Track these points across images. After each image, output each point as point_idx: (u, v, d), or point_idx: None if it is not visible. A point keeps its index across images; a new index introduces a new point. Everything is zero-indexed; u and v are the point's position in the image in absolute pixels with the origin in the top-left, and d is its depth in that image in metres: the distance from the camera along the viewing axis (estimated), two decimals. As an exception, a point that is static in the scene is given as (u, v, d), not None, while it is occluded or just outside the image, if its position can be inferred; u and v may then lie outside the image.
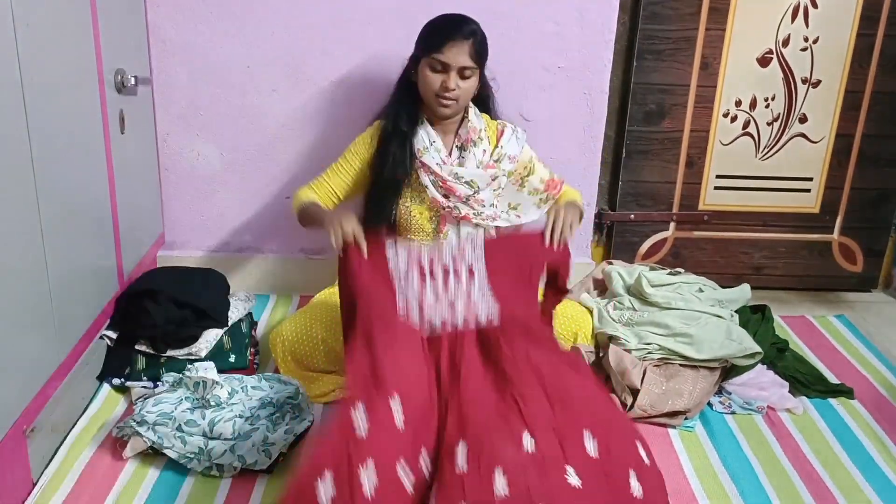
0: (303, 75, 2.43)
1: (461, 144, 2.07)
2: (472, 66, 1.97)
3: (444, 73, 1.96)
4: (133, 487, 1.66)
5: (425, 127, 2.06)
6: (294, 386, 1.91)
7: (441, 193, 2.05)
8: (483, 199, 2.06)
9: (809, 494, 1.72)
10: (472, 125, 2.07)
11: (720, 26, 2.52)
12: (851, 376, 2.23)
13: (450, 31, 1.96)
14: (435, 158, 2.04)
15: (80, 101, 1.88)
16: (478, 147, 2.06)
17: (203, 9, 2.35)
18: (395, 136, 2.04)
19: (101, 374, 2.02)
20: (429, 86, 1.99)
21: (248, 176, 2.54)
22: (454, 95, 1.97)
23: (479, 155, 2.07)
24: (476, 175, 2.05)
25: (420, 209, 2.08)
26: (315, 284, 2.56)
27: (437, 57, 1.95)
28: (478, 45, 1.97)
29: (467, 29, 1.97)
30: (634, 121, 2.61)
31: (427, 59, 1.98)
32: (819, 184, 2.73)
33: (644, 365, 2.04)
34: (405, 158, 2.03)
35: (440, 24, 2.01)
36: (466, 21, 2.00)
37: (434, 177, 2.03)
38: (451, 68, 1.95)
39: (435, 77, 1.97)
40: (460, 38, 1.95)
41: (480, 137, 2.07)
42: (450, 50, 1.94)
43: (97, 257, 2.02)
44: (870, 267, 2.84)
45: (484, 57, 2.02)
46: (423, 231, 2.10)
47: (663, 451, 1.85)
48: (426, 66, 1.98)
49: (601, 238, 2.80)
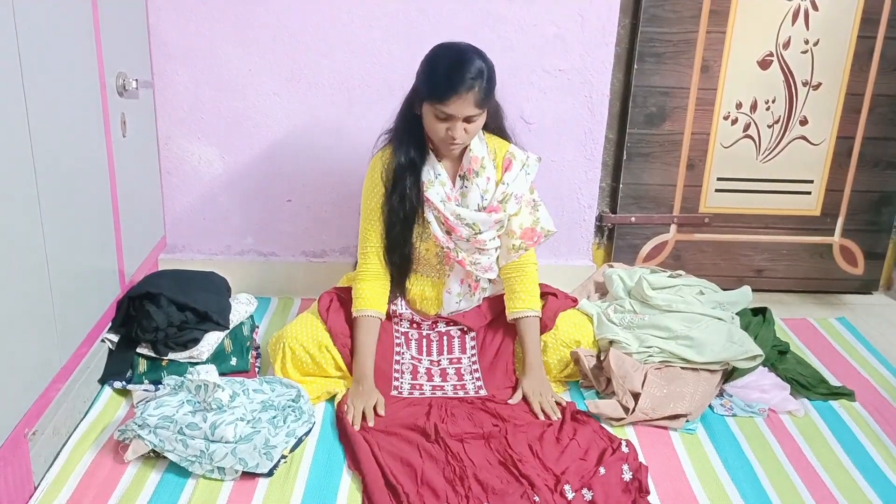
0: (304, 79, 2.44)
1: (463, 174, 2.04)
2: (477, 112, 1.88)
3: (449, 121, 1.88)
4: (134, 491, 1.66)
5: (430, 160, 2.02)
6: (295, 389, 1.92)
7: (443, 230, 2.04)
8: (484, 239, 2.05)
9: (811, 497, 1.72)
10: (474, 154, 2.02)
11: (721, 29, 2.53)
12: (853, 379, 2.23)
13: (453, 81, 1.83)
14: (440, 193, 2.01)
15: (82, 104, 1.88)
16: (480, 177, 2.03)
17: (204, 12, 2.35)
18: (408, 171, 2.00)
19: (102, 377, 2.02)
20: (434, 131, 1.92)
21: (249, 179, 2.54)
22: (460, 141, 1.92)
23: (483, 184, 2.03)
24: (478, 219, 2.02)
25: (426, 245, 2.07)
26: (317, 287, 2.56)
27: (441, 109, 1.86)
28: (483, 91, 1.85)
29: (470, 74, 1.83)
30: (635, 123, 2.61)
31: (430, 105, 1.88)
32: (820, 186, 2.73)
33: (645, 368, 2.04)
34: (417, 191, 2.01)
35: (442, 70, 1.86)
36: (470, 63, 1.84)
37: (437, 213, 2.02)
38: (456, 118, 1.87)
39: (439, 125, 1.89)
40: (464, 89, 1.82)
41: (483, 166, 2.03)
42: (454, 103, 1.84)
43: (98, 260, 2.02)
44: (871, 269, 2.84)
45: (491, 94, 1.92)
46: (430, 265, 2.14)
47: (664, 453, 1.85)
48: (430, 112, 1.89)
49: (602, 241, 2.80)
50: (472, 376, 2.08)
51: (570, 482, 1.66)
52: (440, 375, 2.07)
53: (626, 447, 1.77)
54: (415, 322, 2.16)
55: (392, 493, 1.65)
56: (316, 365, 2.04)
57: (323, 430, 1.90)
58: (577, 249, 2.72)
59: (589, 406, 1.97)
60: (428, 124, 1.94)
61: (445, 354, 2.13)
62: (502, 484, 1.67)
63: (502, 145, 2.08)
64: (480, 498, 1.64)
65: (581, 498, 1.64)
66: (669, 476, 1.77)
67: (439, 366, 2.10)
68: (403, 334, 2.15)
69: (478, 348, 2.13)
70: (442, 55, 1.90)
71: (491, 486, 1.65)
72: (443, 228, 2.04)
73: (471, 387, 2.04)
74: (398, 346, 2.12)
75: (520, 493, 1.64)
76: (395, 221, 2.04)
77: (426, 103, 1.90)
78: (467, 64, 1.84)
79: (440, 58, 1.89)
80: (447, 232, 2.04)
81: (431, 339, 2.15)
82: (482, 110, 1.90)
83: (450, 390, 2.03)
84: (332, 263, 2.61)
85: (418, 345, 2.14)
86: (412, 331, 2.16)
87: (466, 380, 2.07)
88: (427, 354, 2.13)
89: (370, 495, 1.66)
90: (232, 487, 1.69)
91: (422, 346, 2.14)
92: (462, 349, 2.13)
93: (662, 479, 1.74)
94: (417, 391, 2.03)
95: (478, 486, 1.66)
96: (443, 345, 2.14)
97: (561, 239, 2.66)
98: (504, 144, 2.08)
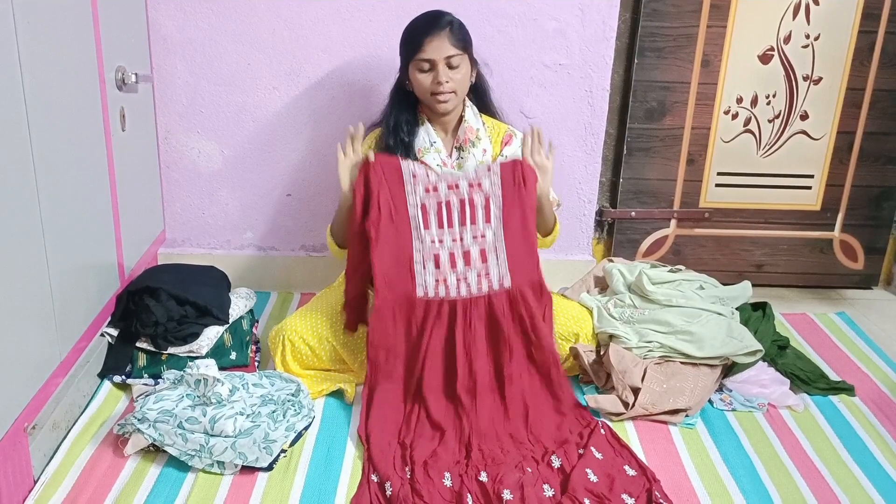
0: (303, 73, 2.43)
1: (459, 145, 2.07)
2: (456, 52, 1.97)
3: (433, 69, 1.97)
4: (134, 484, 1.66)
5: (426, 127, 2.07)
6: (295, 383, 1.92)
7: None
8: None
9: (810, 491, 1.72)
10: (469, 125, 2.07)
11: (721, 23, 2.52)
12: (852, 373, 2.23)
13: (425, 27, 1.98)
14: (436, 159, 2.04)
15: (81, 98, 1.88)
16: (476, 147, 2.06)
17: (204, 6, 2.35)
18: (397, 148, 2.03)
19: (102, 371, 2.02)
20: (422, 87, 2.00)
21: (248, 173, 2.54)
22: (449, 88, 1.98)
23: (479, 155, 2.07)
24: None
25: None
26: (317, 282, 2.57)
27: (421, 56, 1.96)
28: (456, 31, 1.98)
29: (442, 21, 1.98)
30: (635, 118, 2.60)
31: (413, 62, 1.99)
32: (820, 181, 2.73)
33: (645, 363, 2.04)
34: (405, 149, 2.04)
35: (414, 26, 2.02)
36: (438, 13, 2.01)
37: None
38: (438, 62, 1.96)
39: (425, 77, 1.99)
40: (437, 30, 1.96)
41: (479, 137, 2.07)
42: (430, 45, 1.95)
43: (98, 255, 2.02)
44: (871, 264, 2.84)
45: (467, 42, 2.02)
46: None
47: (664, 448, 1.85)
48: (415, 69, 2.00)
49: (602, 235, 2.80)
50: (498, 259, 1.97)
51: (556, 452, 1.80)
52: (464, 259, 1.97)
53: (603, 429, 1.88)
54: (431, 186, 1.99)
55: (396, 457, 1.76)
56: (316, 357, 2.04)
57: (322, 424, 1.90)
58: (577, 244, 2.72)
59: (588, 401, 1.97)
60: (417, 86, 2.01)
61: (469, 225, 1.99)
62: (501, 453, 1.78)
63: (500, 125, 2.16)
64: (479, 466, 1.73)
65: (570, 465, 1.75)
66: (669, 471, 1.77)
67: (462, 245, 1.98)
68: (421, 207, 1.98)
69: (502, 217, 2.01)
70: (411, 21, 2.05)
71: (491, 456, 1.77)
72: None
73: (495, 274, 1.96)
74: (415, 225, 1.98)
75: (514, 463, 1.73)
76: None
77: (410, 64, 1.99)
78: (437, 13, 2.01)
79: (410, 22, 2.04)
80: None
81: (452, 207, 1.99)
82: (460, 52, 1.98)
83: (474, 282, 1.95)
84: (331, 258, 2.61)
85: (437, 216, 1.99)
86: (429, 198, 1.99)
87: (490, 264, 1.97)
88: (448, 227, 1.99)
89: (372, 457, 1.74)
90: (231, 481, 1.69)
91: (441, 216, 1.99)
92: (487, 217, 1.99)
93: (662, 474, 1.74)
94: (442, 287, 1.95)
95: (478, 454, 1.77)
96: (465, 213, 1.99)
97: (561, 233, 2.66)
98: (502, 125, 2.16)
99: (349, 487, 1.69)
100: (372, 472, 1.71)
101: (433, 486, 1.67)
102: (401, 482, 1.67)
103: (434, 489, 1.66)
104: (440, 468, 1.72)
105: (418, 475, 1.69)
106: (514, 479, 1.68)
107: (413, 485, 1.67)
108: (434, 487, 1.66)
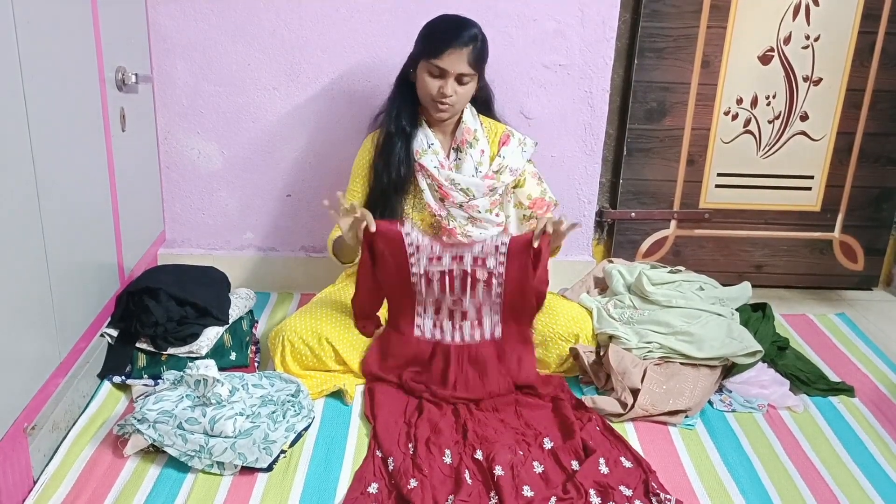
0: (303, 73, 2.43)
1: (457, 146, 2.07)
2: (470, 72, 1.96)
3: (442, 78, 1.96)
4: (134, 485, 1.66)
5: (423, 129, 2.07)
6: (295, 384, 1.92)
7: (437, 198, 2.05)
8: (477, 205, 2.06)
9: (809, 492, 1.72)
10: (467, 126, 2.07)
11: (721, 24, 2.52)
12: (852, 374, 2.23)
13: (449, 36, 1.94)
14: (433, 161, 2.05)
15: (81, 98, 1.88)
16: (474, 148, 2.07)
17: (204, 6, 2.35)
18: (397, 137, 2.05)
19: (101, 371, 2.02)
20: (426, 90, 1.99)
21: (248, 174, 2.54)
22: (451, 101, 1.98)
23: (477, 156, 2.07)
24: (473, 184, 2.05)
25: (421, 216, 2.08)
26: (316, 282, 2.56)
27: (436, 62, 1.95)
28: (477, 51, 1.96)
29: (467, 35, 1.94)
30: (635, 119, 2.60)
31: (425, 62, 1.97)
32: (820, 182, 2.73)
33: (644, 364, 2.04)
34: (408, 158, 2.04)
35: (440, 28, 1.98)
36: (467, 25, 1.97)
37: (431, 180, 2.04)
38: (449, 74, 1.95)
39: (432, 82, 1.98)
40: (459, 44, 1.93)
41: (476, 138, 2.07)
42: (448, 56, 1.93)
43: (98, 255, 2.02)
44: (871, 265, 2.84)
45: (483, 61, 2.01)
46: None
47: (664, 449, 1.85)
48: (424, 69, 1.98)
49: (602, 236, 2.80)
50: (493, 320, 2.00)
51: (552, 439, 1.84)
52: (461, 315, 2.00)
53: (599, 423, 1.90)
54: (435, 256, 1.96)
55: (401, 434, 1.82)
56: (315, 358, 2.04)
57: (322, 425, 1.90)
58: (577, 245, 2.72)
59: (587, 403, 1.97)
60: (421, 85, 2.00)
61: (468, 292, 1.98)
62: (496, 434, 1.83)
63: (498, 125, 2.16)
64: (475, 444, 1.79)
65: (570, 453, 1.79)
66: (669, 471, 1.77)
67: (462, 305, 1.99)
68: (424, 275, 1.97)
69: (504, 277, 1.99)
70: (442, 18, 2.02)
71: (484, 436, 1.82)
72: (436, 196, 2.06)
73: (487, 323, 2.00)
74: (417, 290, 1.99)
75: (507, 444, 1.78)
76: (384, 186, 2.05)
77: (422, 61, 1.98)
78: (466, 25, 1.98)
79: (440, 19, 2.02)
80: (440, 199, 2.06)
81: (455, 276, 1.97)
82: (474, 72, 1.97)
83: (468, 333, 2.00)
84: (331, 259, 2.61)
85: (440, 283, 1.98)
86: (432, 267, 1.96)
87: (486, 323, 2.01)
88: (450, 291, 1.98)
89: (378, 434, 1.80)
90: (231, 482, 1.69)
91: (444, 283, 1.98)
92: (487, 290, 1.98)
93: (662, 475, 1.74)
94: (438, 331, 2.01)
95: (473, 435, 1.83)
96: (466, 284, 1.98)
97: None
98: (500, 125, 2.16)
99: (348, 487, 1.69)
100: (377, 449, 1.77)
101: (434, 462, 1.72)
102: (403, 457, 1.73)
103: (434, 464, 1.71)
104: (441, 445, 1.77)
105: (420, 451, 1.75)
106: (506, 458, 1.73)
107: (414, 459, 1.72)
108: (435, 463, 1.72)
